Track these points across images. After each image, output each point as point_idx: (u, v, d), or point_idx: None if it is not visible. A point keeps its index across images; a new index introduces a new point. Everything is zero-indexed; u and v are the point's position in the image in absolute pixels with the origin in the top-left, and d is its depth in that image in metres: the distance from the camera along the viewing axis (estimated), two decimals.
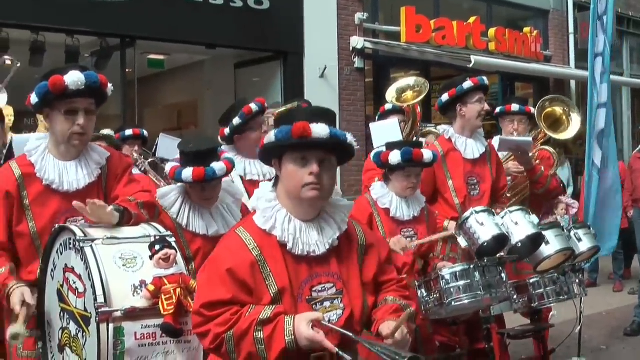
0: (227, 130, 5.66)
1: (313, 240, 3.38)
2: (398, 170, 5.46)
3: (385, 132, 6.62)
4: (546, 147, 7.50)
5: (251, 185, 5.38)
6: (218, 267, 3.30)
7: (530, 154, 6.95)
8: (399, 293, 3.62)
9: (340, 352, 3.16)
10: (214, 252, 3.45)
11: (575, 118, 7.65)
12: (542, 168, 6.98)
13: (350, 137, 3.43)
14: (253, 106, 5.61)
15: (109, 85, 4.31)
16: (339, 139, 3.36)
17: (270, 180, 4.41)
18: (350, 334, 3.24)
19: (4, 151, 5.75)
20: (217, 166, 4.62)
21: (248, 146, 5.56)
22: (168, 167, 4.74)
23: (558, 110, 7.64)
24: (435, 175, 6.20)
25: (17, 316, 3.90)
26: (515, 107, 7.36)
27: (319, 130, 3.26)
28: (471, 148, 6.28)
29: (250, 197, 5.37)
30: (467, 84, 6.24)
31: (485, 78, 6.38)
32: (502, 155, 6.85)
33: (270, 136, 3.35)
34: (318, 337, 3.15)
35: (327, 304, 3.37)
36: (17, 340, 3.86)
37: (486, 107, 6.30)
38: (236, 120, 5.60)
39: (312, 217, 3.43)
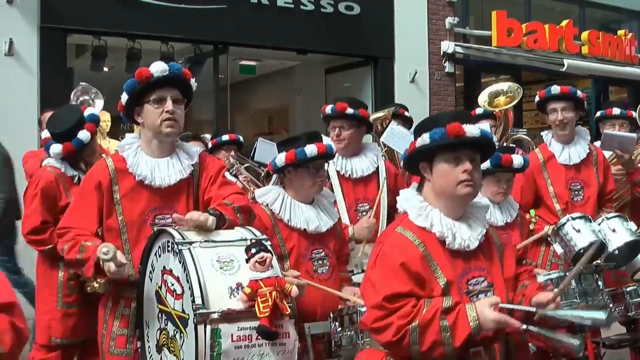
0: None
1: (467, 236, 3.56)
2: (488, 176, 5.38)
3: None
4: None
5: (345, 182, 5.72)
6: (391, 262, 3.46)
7: (633, 156, 6.76)
8: (533, 280, 3.83)
9: (529, 327, 3.33)
10: (382, 251, 3.58)
11: None
12: None
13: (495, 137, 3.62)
14: (327, 109, 5.92)
15: (192, 79, 4.45)
16: (488, 138, 3.62)
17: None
18: (533, 309, 3.44)
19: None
20: (331, 144, 4.86)
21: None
22: (281, 157, 4.82)
23: None
24: (536, 182, 6.20)
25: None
26: (616, 110, 7.19)
27: (471, 129, 3.50)
28: (567, 154, 6.24)
29: (343, 192, 5.56)
30: (537, 98, 6.39)
31: (554, 87, 6.29)
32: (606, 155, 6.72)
33: (424, 138, 3.54)
34: (504, 317, 3.33)
35: (481, 296, 3.54)
36: (107, 255, 3.91)
37: (559, 116, 6.21)
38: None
39: (460, 216, 3.61)
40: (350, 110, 5.79)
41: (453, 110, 3.99)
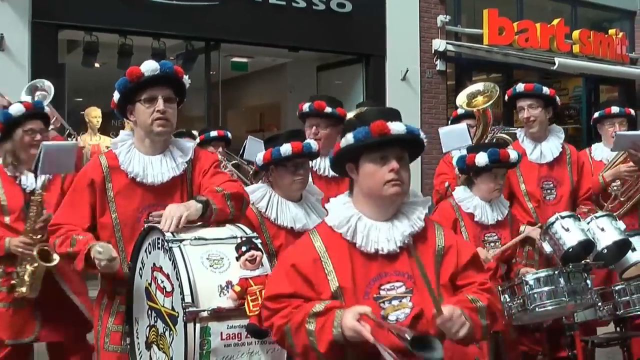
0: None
1: (382, 238, 3.38)
2: (485, 173, 5.40)
3: (454, 136, 6.56)
4: None
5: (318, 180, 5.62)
6: (285, 263, 3.42)
7: None
8: (477, 294, 3.47)
9: (377, 343, 3.06)
10: (285, 250, 3.61)
11: None
12: None
13: (422, 132, 3.49)
14: (304, 106, 5.83)
15: (185, 76, 4.43)
16: (415, 135, 3.43)
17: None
18: (376, 343, 3.09)
19: None
20: (311, 142, 4.81)
21: None
22: (259, 157, 4.84)
23: None
24: (510, 179, 6.19)
25: None
26: (615, 109, 7.08)
27: (397, 127, 3.33)
28: (539, 152, 6.30)
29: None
30: (506, 97, 6.50)
31: (519, 85, 6.42)
32: (611, 156, 6.75)
33: (348, 139, 3.39)
34: (358, 327, 3.08)
35: (395, 302, 3.33)
36: (101, 255, 3.93)
37: (526, 114, 6.30)
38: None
39: (389, 217, 3.45)
40: (328, 109, 5.71)
41: (385, 107, 3.81)
